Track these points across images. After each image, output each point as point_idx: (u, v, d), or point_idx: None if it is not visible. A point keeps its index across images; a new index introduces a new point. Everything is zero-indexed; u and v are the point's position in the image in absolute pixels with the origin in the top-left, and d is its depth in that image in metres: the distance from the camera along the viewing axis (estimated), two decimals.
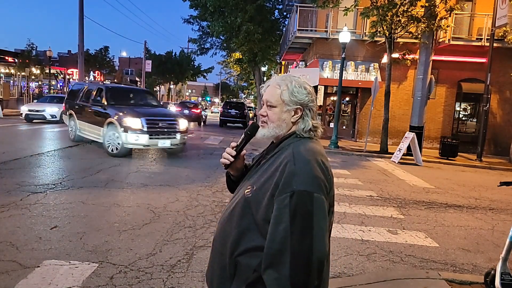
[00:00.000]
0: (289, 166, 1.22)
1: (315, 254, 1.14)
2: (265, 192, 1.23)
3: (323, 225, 1.17)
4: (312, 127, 1.37)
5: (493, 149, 16.11)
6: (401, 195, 7.20)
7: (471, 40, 15.31)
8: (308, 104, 1.37)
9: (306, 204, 1.16)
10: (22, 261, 3.29)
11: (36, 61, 29.20)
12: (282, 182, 1.20)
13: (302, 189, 1.17)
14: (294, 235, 1.14)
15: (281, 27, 24.47)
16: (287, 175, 1.20)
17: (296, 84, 1.37)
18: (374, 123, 16.00)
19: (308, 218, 1.15)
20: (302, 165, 1.22)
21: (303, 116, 1.37)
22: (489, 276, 3.25)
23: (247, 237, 1.25)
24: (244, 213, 1.28)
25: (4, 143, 9.70)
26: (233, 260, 1.27)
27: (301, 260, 1.13)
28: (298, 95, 1.35)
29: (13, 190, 5.45)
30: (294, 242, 1.13)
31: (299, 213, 1.15)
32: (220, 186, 6.79)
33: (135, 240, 3.96)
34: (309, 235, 1.14)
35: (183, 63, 51.70)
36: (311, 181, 1.19)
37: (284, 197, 1.17)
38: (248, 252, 1.24)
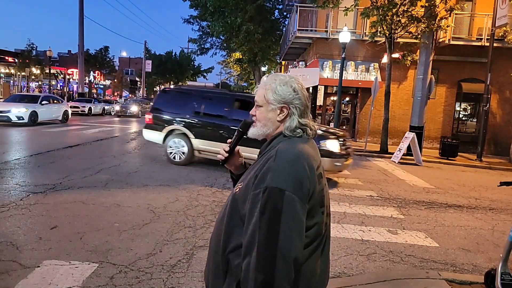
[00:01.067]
0: (269, 163, 1.23)
1: (280, 251, 1.12)
2: (248, 188, 1.25)
3: (291, 224, 1.15)
4: (298, 125, 1.34)
5: (493, 149, 16.10)
6: (401, 195, 7.19)
7: (471, 40, 15.31)
8: (293, 102, 1.35)
9: (276, 201, 1.15)
10: (22, 261, 3.29)
11: (36, 61, 29.24)
12: (258, 177, 1.21)
13: (274, 185, 1.17)
14: (261, 230, 1.15)
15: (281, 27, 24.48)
16: (264, 170, 1.22)
17: (280, 83, 1.36)
18: (374, 123, 16.00)
19: (276, 215, 1.15)
20: (281, 162, 1.22)
21: (290, 114, 1.35)
22: (489, 276, 3.25)
23: (236, 234, 1.27)
24: (233, 211, 1.31)
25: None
26: (225, 257, 1.29)
27: (265, 255, 1.13)
28: (281, 93, 1.34)
29: (13, 190, 5.45)
30: (261, 237, 1.14)
31: (268, 209, 1.15)
32: (220, 186, 6.79)
33: (135, 240, 3.96)
34: (275, 232, 1.14)
35: (183, 63, 51.76)
36: (285, 179, 1.18)
37: (258, 192, 1.19)
38: (237, 249, 1.25)
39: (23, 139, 11.18)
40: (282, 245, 1.13)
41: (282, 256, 1.13)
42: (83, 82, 28.62)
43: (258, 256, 1.13)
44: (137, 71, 59.61)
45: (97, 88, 46.37)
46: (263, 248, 1.14)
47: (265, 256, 1.13)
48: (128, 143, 11.88)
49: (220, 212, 1.44)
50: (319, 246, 1.29)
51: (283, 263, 1.12)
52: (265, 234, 1.14)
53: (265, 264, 1.12)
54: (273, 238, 1.13)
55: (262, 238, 1.14)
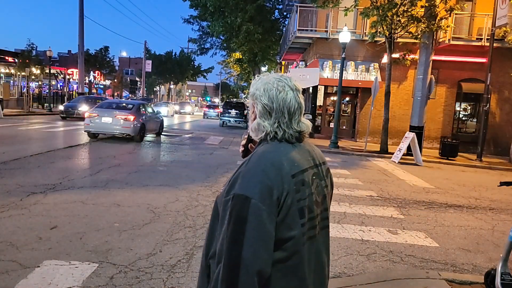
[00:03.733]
0: (241, 168, 1.19)
1: (243, 263, 1.07)
2: (225, 193, 1.19)
3: (255, 234, 1.08)
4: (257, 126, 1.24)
5: (493, 149, 16.10)
6: (401, 195, 7.19)
7: (471, 40, 15.31)
8: (255, 100, 1.25)
9: (241, 209, 1.10)
10: (22, 261, 3.29)
11: (36, 61, 29.19)
12: (230, 183, 1.17)
13: (240, 193, 1.11)
14: (227, 239, 1.10)
15: (281, 27, 24.48)
16: (235, 176, 1.17)
17: (256, 80, 1.30)
18: (374, 123, 16.00)
19: (240, 225, 1.09)
20: (251, 167, 1.16)
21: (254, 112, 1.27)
22: (489, 276, 3.25)
23: (215, 239, 1.21)
24: (214, 215, 1.27)
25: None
26: (207, 263, 1.25)
27: (229, 266, 1.08)
28: (251, 90, 1.27)
29: (13, 190, 5.45)
30: (225, 248, 1.10)
31: (233, 218, 1.10)
32: (220, 186, 6.79)
33: (135, 240, 3.96)
34: (239, 242, 1.08)
35: (183, 63, 51.78)
36: (253, 186, 1.11)
37: (228, 199, 1.14)
38: (215, 255, 1.20)
39: (23, 139, 11.18)
40: (245, 256, 1.07)
41: (245, 268, 1.07)
42: (83, 82, 28.60)
43: (223, 266, 1.09)
44: (137, 71, 59.61)
45: (97, 88, 46.35)
46: (227, 258, 1.09)
47: (229, 266, 1.08)
48: (128, 143, 11.88)
49: None
50: (299, 265, 1.17)
51: (246, 275, 1.06)
52: (229, 244, 1.09)
53: (228, 275, 1.08)
54: (237, 248, 1.08)
55: (226, 247, 1.10)
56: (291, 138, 1.23)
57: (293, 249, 1.15)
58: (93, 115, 12.03)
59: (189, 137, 15.31)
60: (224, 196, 1.16)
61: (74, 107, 19.94)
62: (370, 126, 14.35)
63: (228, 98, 68.41)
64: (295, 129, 1.23)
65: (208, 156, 10.33)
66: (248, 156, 1.49)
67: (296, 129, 1.24)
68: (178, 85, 62.51)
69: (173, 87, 60.94)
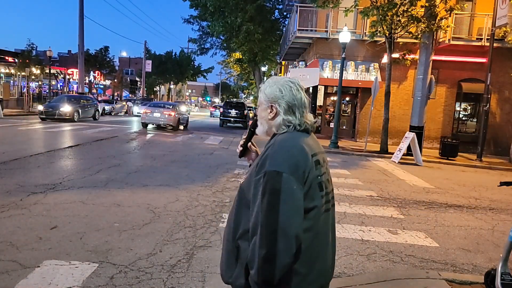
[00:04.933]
0: (268, 151, 1.37)
1: (280, 227, 1.23)
2: (252, 176, 1.38)
3: (290, 202, 1.26)
4: (282, 122, 1.46)
5: (493, 149, 16.10)
6: (401, 195, 7.19)
7: (471, 40, 15.30)
8: (278, 101, 1.46)
9: (274, 182, 1.27)
10: (22, 261, 3.29)
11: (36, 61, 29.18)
12: (259, 165, 1.34)
13: (272, 169, 1.29)
14: (263, 210, 1.26)
15: (281, 27, 24.47)
16: (264, 158, 1.35)
17: (269, 85, 1.51)
18: (374, 123, 16.00)
19: (275, 195, 1.25)
20: (277, 149, 1.35)
21: (277, 112, 1.47)
22: (489, 276, 3.25)
23: (243, 221, 1.39)
24: (240, 199, 1.45)
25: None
26: (235, 244, 1.41)
27: (267, 232, 1.24)
28: (268, 93, 1.49)
29: (13, 190, 5.45)
30: (263, 217, 1.26)
31: (267, 191, 1.27)
32: (220, 186, 6.79)
33: (135, 240, 3.96)
34: (275, 211, 1.24)
35: (183, 63, 51.72)
36: (282, 163, 1.30)
37: (259, 178, 1.31)
38: (244, 234, 1.37)
39: (23, 139, 11.18)
40: (282, 221, 1.24)
41: (283, 232, 1.23)
42: (83, 82, 28.60)
43: (261, 234, 1.25)
44: (137, 71, 59.56)
45: (97, 88, 46.34)
46: (265, 225, 1.24)
47: (267, 232, 1.24)
48: (128, 143, 11.88)
49: (232, 205, 1.56)
50: (320, 233, 1.38)
51: (284, 238, 1.23)
52: (266, 213, 1.25)
53: (267, 240, 1.23)
54: (274, 216, 1.24)
55: (263, 217, 1.25)
56: (309, 129, 1.48)
57: (316, 218, 1.35)
58: (147, 112, 17.51)
59: (196, 134, 15.33)
60: (255, 176, 1.33)
61: (55, 107, 18.08)
62: (370, 126, 14.34)
63: (228, 98, 68.42)
64: (310, 121, 1.48)
65: (208, 156, 10.33)
66: (245, 155, 1.80)
67: (310, 121, 1.49)
68: (178, 85, 62.50)
69: (173, 87, 60.92)
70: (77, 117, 18.64)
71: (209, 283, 3.19)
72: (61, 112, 17.78)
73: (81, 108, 19.35)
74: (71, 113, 18.14)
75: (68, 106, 18.21)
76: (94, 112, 20.95)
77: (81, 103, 19.75)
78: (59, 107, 18.01)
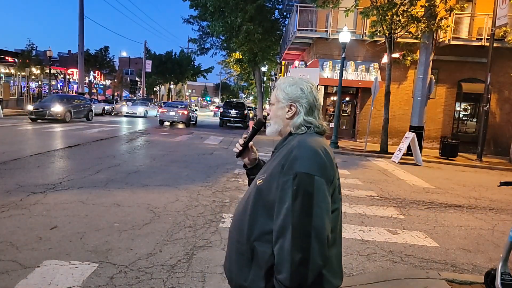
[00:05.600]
0: (293, 152, 1.33)
1: (314, 230, 1.23)
2: (274, 177, 1.34)
3: (322, 205, 1.26)
4: (302, 122, 1.45)
5: (493, 149, 16.10)
6: (401, 195, 7.19)
7: (471, 40, 15.30)
8: (299, 101, 1.45)
9: (307, 185, 1.26)
10: (22, 261, 3.29)
11: (36, 61, 29.19)
12: (287, 166, 1.31)
13: (304, 171, 1.27)
14: (295, 213, 1.24)
15: (281, 27, 24.45)
16: (291, 159, 1.32)
17: (289, 83, 1.49)
18: (374, 123, 16.00)
19: (308, 198, 1.25)
20: (305, 150, 1.33)
21: (297, 112, 1.46)
22: (489, 276, 3.25)
23: (260, 222, 1.36)
24: (256, 200, 1.39)
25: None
26: (250, 246, 1.37)
27: (301, 236, 1.22)
28: (289, 92, 1.47)
29: (13, 190, 5.45)
30: (295, 220, 1.23)
31: (300, 193, 1.25)
32: (220, 186, 6.79)
33: (135, 240, 3.96)
34: (308, 214, 1.24)
35: (183, 63, 51.70)
36: (312, 165, 1.29)
37: (288, 179, 1.28)
38: (263, 235, 1.34)
39: (23, 139, 11.18)
40: (316, 224, 1.24)
41: (317, 235, 1.23)
42: (83, 82, 28.60)
43: (293, 237, 1.22)
44: (137, 71, 59.56)
45: (97, 88, 46.34)
46: (298, 229, 1.23)
47: (301, 236, 1.22)
48: (128, 143, 11.89)
49: (238, 206, 1.53)
50: (338, 235, 1.41)
51: (317, 241, 1.23)
52: (299, 216, 1.24)
53: (301, 244, 1.22)
54: (308, 219, 1.23)
55: (296, 220, 1.23)
56: (325, 131, 1.49)
57: (336, 220, 1.37)
58: (164, 111, 21.27)
59: (198, 134, 15.33)
60: (282, 177, 1.31)
61: (45, 107, 17.13)
62: (370, 126, 14.35)
63: (228, 98, 68.43)
64: (324, 123, 1.50)
65: (208, 156, 10.33)
66: (243, 155, 1.74)
67: (324, 123, 1.50)
68: (178, 85, 62.47)
69: (173, 87, 60.91)
70: (69, 117, 17.88)
71: (209, 283, 3.19)
72: (51, 112, 16.93)
73: (74, 108, 18.55)
74: (62, 113, 17.25)
75: (59, 106, 17.37)
76: (87, 112, 20.11)
77: (73, 103, 18.93)
78: (50, 107, 17.10)
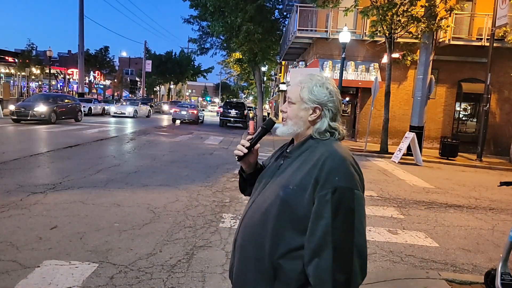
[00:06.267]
0: (327, 163, 1.23)
1: (356, 248, 1.16)
2: (304, 190, 1.23)
3: (363, 220, 1.21)
4: (327, 128, 1.34)
5: (493, 149, 16.10)
6: (401, 195, 7.19)
7: (471, 40, 15.30)
8: (327, 104, 1.34)
9: (348, 200, 1.18)
10: (22, 261, 3.29)
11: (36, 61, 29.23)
12: (323, 179, 1.20)
13: (344, 185, 1.19)
14: (337, 231, 1.16)
15: (281, 27, 24.44)
16: (327, 171, 1.21)
17: (317, 83, 1.36)
18: (374, 123, 15.99)
19: (350, 214, 1.18)
20: (340, 161, 1.24)
21: (321, 116, 1.35)
22: (489, 276, 3.25)
23: (287, 238, 1.24)
24: (281, 213, 1.25)
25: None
26: (273, 263, 1.24)
27: (344, 254, 1.15)
28: (316, 94, 1.34)
29: (13, 190, 5.45)
30: (337, 237, 1.15)
31: (343, 209, 1.17)
32: (220, 186, 6.79)
33: (135, 240, 3.96)
34: (350, 230, 1.17)
35: (183, 63, 51.74)
36: (351, 178, 1.22)
37: (326, 193, 1.18)
38: (290, 252, 1.23)
39: (23, 139, 11.18)
40: (358, 242, 1.17)
41: (359, 254, 1.17)
42: (83, 82, 28.62)
43: (335, 257, 1.14)
44: (137, 71, 59.58)
45: (97, 88, 46.37)
46: (341, 248, 1.15)
47: (343, 256, 1.15)
48: (128, 143, 11.89)
49: (251, 215, 1.36)
50: None
51: (359, 260, 1.17)
52: (342, 234, 1.16)
53: (344, 264, 1.14)
54: (350, 237, 1.16)
55: (338, 238, 1.15)
56: (344, 137, 1.39)
57: None
58: (177, 110, 24.39)
59: (193, 135, 15.33)
60: (318, 192, 1.20)
61: (28, 107, 15.92)
62: (370, 126, 14.34)
63: (228, 98, 68.45)
64: None
65: (208, 156, 10.33)
66: (247, 159, 1.50)
67: None
68: (178, 85, 62.50)
69: (173, 87, 60.94)
70: (54, 118, 16.56)
71: (209, 283, 3.19)
72: (35, 113, 15.66)
73: (60, 108, 17.21)
74: (47, 114, 15.98)
75: (43, 106, 16.05)
76: (76, 112, 18.66)
77: (59, 103, 17.46)
78: (33, 107, 15.79)
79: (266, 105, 52.49)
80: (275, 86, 44.67)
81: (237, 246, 1.39)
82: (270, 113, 48.39)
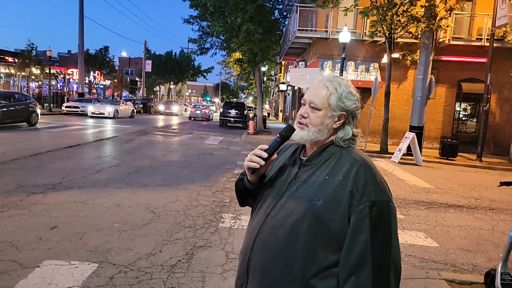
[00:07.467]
0: (361, 175, 1.16)
1: (394, 264, 1.13)
2: (338, 204, 1.14)
3: (396, 235, 1.16)
4: (351, 136, 1.28)
5: (493, 149, 16.10)
6: (401, 195, 7.19)
7: (471, 40, 15.31)
8: (354, 112, 1.28)
9: (386, 214, 1.14)
10: (22, 261, 3.29)
11: (36, 61, 29.20)
12: (360, 192, 1.14)
13: (382, 199, 1.14)
14: (377, 247, 1.11)
15: (281, 27, 24.44)
16: (364, 184, 1.15)
17: (346, 89, 1.28)
18: (374, 123, 15.99)
19: (388, 228, 1.13)
20: (373, 174, 1.18)
21: (345, 123, 1.28)
22: (489, 276, 3.25)
23: (320, 256, 1.14)
24: (313, 231, 1.15)
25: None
26: (304, 285, 1.14)
27: (382, 272, 1.11)
28: (346, 101, 1.26)
29: (13, 190, 5.45)
30: (377, 254, 1.10)
31: (381, 224, 1.12)
32: (220, 186, 6.79)
33: (135, 240, 3.96)
34: (389, 246, 1.13)
35: (183, 63, 51.76)
36: (385, 190, 1.17)
37: (363, 207, 1.12)
38: (323, 271, 1.14)
39: (23, 139, 11.18)
40: (395, 258, 1.14)
41: (395, 270, 1.14)
42: (83, 82, 28.61)
43: (374, 274, 1.10)
44: (137, 71, 59.58)
45: (97, 88, 46.35)
46: (380, 265, 1.11)
47: (383, 273, 1.11)
48: (128, 143, 11.88)
49: (270, 234, 1.21)
50: None
51: (395, 276, 1.14)
52: (382, 250, 1.11)
53: (384, 281, 1.11)
54: (388, 253, 1.12)
55: (377, 255, 1.10)
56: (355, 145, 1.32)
57: None
58: (193, 110, 31.02)
59: (192, 135, 15.33)
60: (356, 206, 1.13)
61: None
62: (370, 126, 14.34)
63: (228, 98, 68.48)
64: None
65: (208, 156, 10.33)
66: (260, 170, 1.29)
67: None
68: (178, 85, 62.51)
69: (173, 87, 60.95)
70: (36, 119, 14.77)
71: (209, 283, 3.19)
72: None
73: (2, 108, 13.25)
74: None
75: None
76: (28, 114, 14.47)
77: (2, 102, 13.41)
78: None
79: (266, 105, 52.49)
80: (275, 86, 44.68)
81: (253, 267, 1.24)
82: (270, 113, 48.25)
